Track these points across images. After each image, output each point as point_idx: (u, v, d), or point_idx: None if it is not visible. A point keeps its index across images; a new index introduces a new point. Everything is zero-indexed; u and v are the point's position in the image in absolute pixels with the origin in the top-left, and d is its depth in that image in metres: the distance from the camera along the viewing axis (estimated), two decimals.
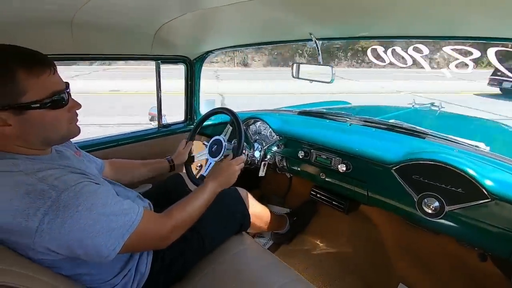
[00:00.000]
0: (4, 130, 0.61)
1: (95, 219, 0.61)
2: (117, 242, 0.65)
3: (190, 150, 1.35)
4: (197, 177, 1.28)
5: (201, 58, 1.67)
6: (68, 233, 0.59)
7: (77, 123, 0.74)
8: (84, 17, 0.91)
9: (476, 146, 1.10)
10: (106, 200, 0.65)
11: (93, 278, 0.76)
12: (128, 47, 1.30)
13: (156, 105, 1.64)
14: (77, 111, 0.73)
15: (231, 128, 1.29)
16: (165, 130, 1.68)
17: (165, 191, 1.25)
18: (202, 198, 0.91)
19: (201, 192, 0.93)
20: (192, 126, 1.75)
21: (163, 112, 1.66)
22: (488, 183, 0.88)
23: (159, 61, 1.51)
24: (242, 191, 1.29)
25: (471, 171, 0.90)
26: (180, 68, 1.70)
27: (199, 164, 1.40)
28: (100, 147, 1.40)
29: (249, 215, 1.21)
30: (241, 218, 1.17)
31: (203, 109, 1.84)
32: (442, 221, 0.96)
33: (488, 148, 1.08)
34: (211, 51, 1.63)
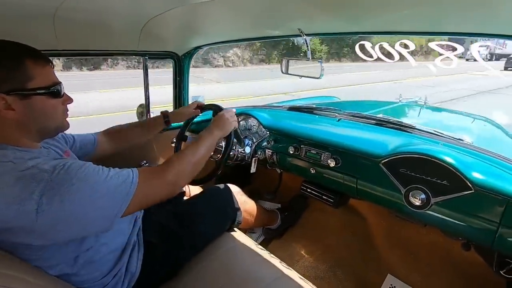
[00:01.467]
0: (7, 114, 0.63)
1: (92, 187, 0.62)
2: (122, 203, 0.65)
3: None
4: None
5: (190, 54, 1.65)
6: (70, 207, 0.59)
7: (67, 118, 0.77)
8: (67, 11, 0.88)
9: (460, 139, 1.13)
10: (98, 170, 0.66)
11: (82, 278, 0.75)
12: (114, 42, 1.27)
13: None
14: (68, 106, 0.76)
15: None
16: None
17: None
18: (200, 144, 0.89)
19: (199, 139, 0.92)
20: (181, 122, 1.73)
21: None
22: (471, 175, 0.91)
23: (146, 57, 1.49)
24: (233, 187, 1.29)
25: (455, 164, 0.93)
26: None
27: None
28: None
29: (240, 211, 1.21)
30: (233, 214, 1.18)
31: None
32: (429, 212, 0.98)
33: (471, 141, 1.12)
34: (199, 47, 1.61)
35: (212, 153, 1.25)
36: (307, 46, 1.25)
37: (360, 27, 1.13)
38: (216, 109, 1.22)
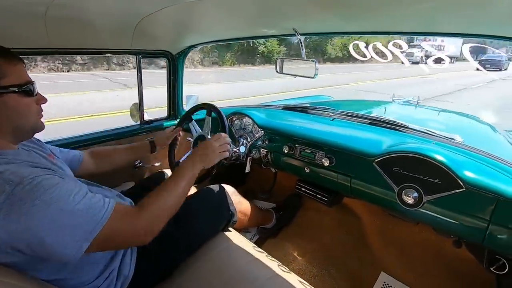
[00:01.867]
0: None
1: (55, 214, 0.58)
2: (84, 239, 0.60)
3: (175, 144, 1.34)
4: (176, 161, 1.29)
5: (184, 53, 1.64)
6: (26, 229, 0.55)
7: (42, 119, 0.75)
8: (58, 9, 0.87)
9: (451, 138, 1.15)
10: (70, 193, 0.61)
11: (71, 282, 0.73)
12: (107, 41, 1.25)
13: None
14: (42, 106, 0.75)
15: (209, 118, 1.30)
16: (147, 127, 1.64)
17: (148, 189, 1.22)
18: (179, 181, 0.83)
19: (177, 174, 0.85)
20: (175, 122, 1.73)
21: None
22: (462, 173, 0.92)
23: (140, 56, 1.47)
24: (228, 188, 1.29)
25: (447, 163, 0.95)
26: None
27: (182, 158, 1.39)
28: (79, 145, 1.35)
29: (235, 211, 1.21)
30: (228, 215, 1.18)
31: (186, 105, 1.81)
32: (421, 210, 1.00)
33: (462, 140, 1.14)
34: (193, 46, 1.60)
35: None
36: (301, 46, 1.25)
37: (353, 27, 1.14)
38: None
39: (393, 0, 0.81)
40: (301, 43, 1.25)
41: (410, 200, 1.00)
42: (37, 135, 0.79)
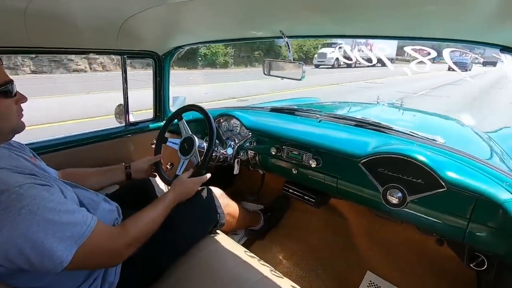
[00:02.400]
0: None
1: (39, 225, 0.57)
2: (65, 254, 0.60)
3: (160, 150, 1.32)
4: (167, 174, 1.26)
5: (171, 54, 1.62)
6: (7, 239, 0.54)
7: (22, 119, 0.73)
8: (39, 6, 0.84)
9: (433, 139, 1.19)
10: (55, 206, 0.61)
11: None
12: (90, 40, 1.22)
13: None
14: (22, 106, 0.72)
15: (182, 123, 1.33)
16: (133, 128, 1.61)
17: (133, 191, 1.20)
18: (161, 210, 0.91)
19: (161, 204, 0.93)
20: (162, 123, 1.70)
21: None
22: (444, 173, 0.95)
23: (125, 56, 1.45)
24: (216, 190, 1.27)
25: (429, 163, 0.97)
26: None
27: (169, 163, 1.37)
28: (61, 147, 1.31)
29: (223, 214, 1.20)
30: (216, 217, 1.17)
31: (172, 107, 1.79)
32: (405, 210, 1.02)
33: (444, 141, 1.17)
34: (180, 47, 1.59)
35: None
36: (289, 48, 1.26)
37: (339, 30, 1.16)
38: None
39: (378, 5, 0.83)
40: (288, 45, 1.27)
41: (394, 200, 1.02)
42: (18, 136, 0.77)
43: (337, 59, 16.76)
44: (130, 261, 0.86)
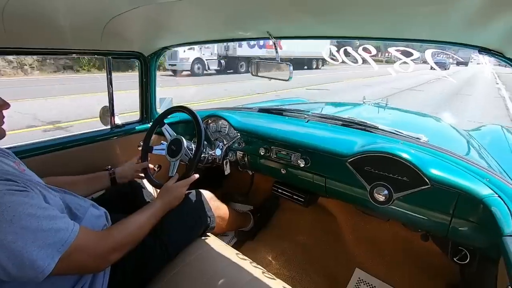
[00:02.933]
0: None
1: (17, 233, 0.55)
2: (47, 262, 0.58)
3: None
4: (155, 176, 1.23)
5: (157, 54, 1.60)
6: None
7: (4, 126, 0.71)
8: (18, 5, 0.81)
9: (417, 138, 1.22)
10: (34, 211, 0.58)
11: None
12: (72, 40, 1.18)
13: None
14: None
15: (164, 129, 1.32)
16: (118, 131, 1.57)
17: (120, 195, 1.18)
18: (148, 217, 0.90)
19: (148, 211, 0.91)
20: (148, 125, 1.68)
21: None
22: (428, 171, 0.98)
23: (110, 57, 1.41)
24: (206, 193, 1.26)
25: (413, 161, 1.00)
26: None
27: (156, 165, 1.35)
28: (44, 151, 1.26)
29: (214, 217, 1.19)
30: (206, 221, 1.15)
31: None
32: (391, 207, 1.05)
33: (427, 140, 1.21)
34: (167, 47, 1.57)
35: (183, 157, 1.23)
36: (276, 49, 1.27)
37: (325, 32, 1.18)
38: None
39: (364, 7, 0.85)
40: (275, 46, 1.27)
41: (381, 198, 1.05)
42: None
43: (198, 61, 11.92)
44: (119, 267, 0.85)
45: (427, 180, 0.97)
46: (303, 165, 1.25)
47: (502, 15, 0.60)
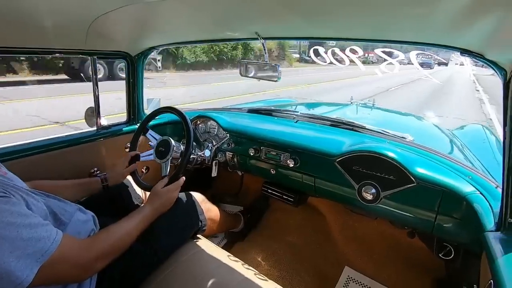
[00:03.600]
0: None
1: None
2: (25, 273, 0.55)
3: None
4: (143, 178, 1.21)
5: (144, 55, 1.57)
6: None
7: None
8: None
9: (403, 137, 1.25)
10: (14, 219, 0.56)
11: None
12: (56, 40, 1.15)
13: None
14: None
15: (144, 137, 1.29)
16: (104, 132, 1.54)
17: (108, 198, 1.15)
18: (137, 223, 0.87)
19: (137, 217, 0.89)
20: (136, 126, 1.65)
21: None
22: (413, 169, 1.00)
23: (95, 57, 1.38)
24: (197, 195, 1.24)
25: (400, 160, 1.02)
26: None
27: (144, 167, 1.32)
28: (28, 153, 1.22)
29: (205, 220, 1.17)
30: (198, 224, 1.14)
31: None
32: (379, 206, 1.07)
33: (412, 139, 1.24)
34: (154, 47, 1.55)
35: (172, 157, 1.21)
36: (264, 50, 1.27)
37: (313, 32, 1.18)
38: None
39: (354, 8, 0.86)
40: (264, 47, 1.28)
41: (369, 197, 1.06)
42: None
43: None
44: (106, 275, 0.82)
45: (413, 179, 1.00)
46: (292, 165, 1.26)
47: (483, 17, 0.62)
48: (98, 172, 1.49)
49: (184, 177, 1.12)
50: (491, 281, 0.65)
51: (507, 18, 0.55)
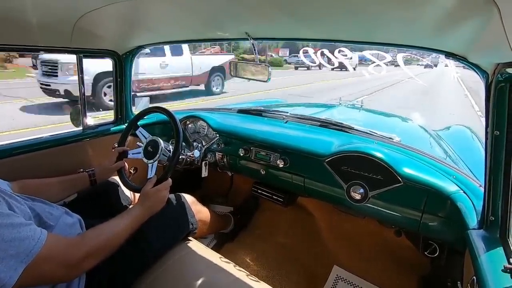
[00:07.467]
0: None
1: None
2: (8, 275, 0.54)
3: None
4: (131, 179, 1.19)
5: (132, 53, 1.55)
6: None
7: None
8: None
9: (390, 138, 1.27)
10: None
11: None
12: (40, 37, 1.12)
13: None
14: None
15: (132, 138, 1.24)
16: (91, 132, 1.50)
17: (94, 199, 1.12)
18: (127, 224, 0.85)
19: (127, 218, 0.87)
20: (123, 126, 1.62)
21: None
22: (400, 169, 1.03)
23: (81, 55, 1.35)
24: (187, 197, 1.23)
25: (387, 160, 1.04)
26: None
27: (132, 168, 1.30)
28: (11, 154, 1.18)
29: (196, 222, 1.16)
30: (188, 227, 1.12)
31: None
32: (367, 205, 1.08)
33: (399, 139, 1.26)
34: (142, 46, 1.53)
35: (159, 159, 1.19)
36: (254, 50, 1.27)
37: (303, 34, 1.19)
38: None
39: (341, 10, 0.87)
40: (254, 47, 1.28)
41: (357, 196, 1.08)
42: None
43: None
44: (95, 276, 0.81)
45: (400, 178, 1.02)
46: (282, 166, 1.26)
47: (466, 22, 0.64)
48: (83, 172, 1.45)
49: (169, 179, 1.09)
50: (474, 277, 0.68)
51: (488, 24, 0.57)
